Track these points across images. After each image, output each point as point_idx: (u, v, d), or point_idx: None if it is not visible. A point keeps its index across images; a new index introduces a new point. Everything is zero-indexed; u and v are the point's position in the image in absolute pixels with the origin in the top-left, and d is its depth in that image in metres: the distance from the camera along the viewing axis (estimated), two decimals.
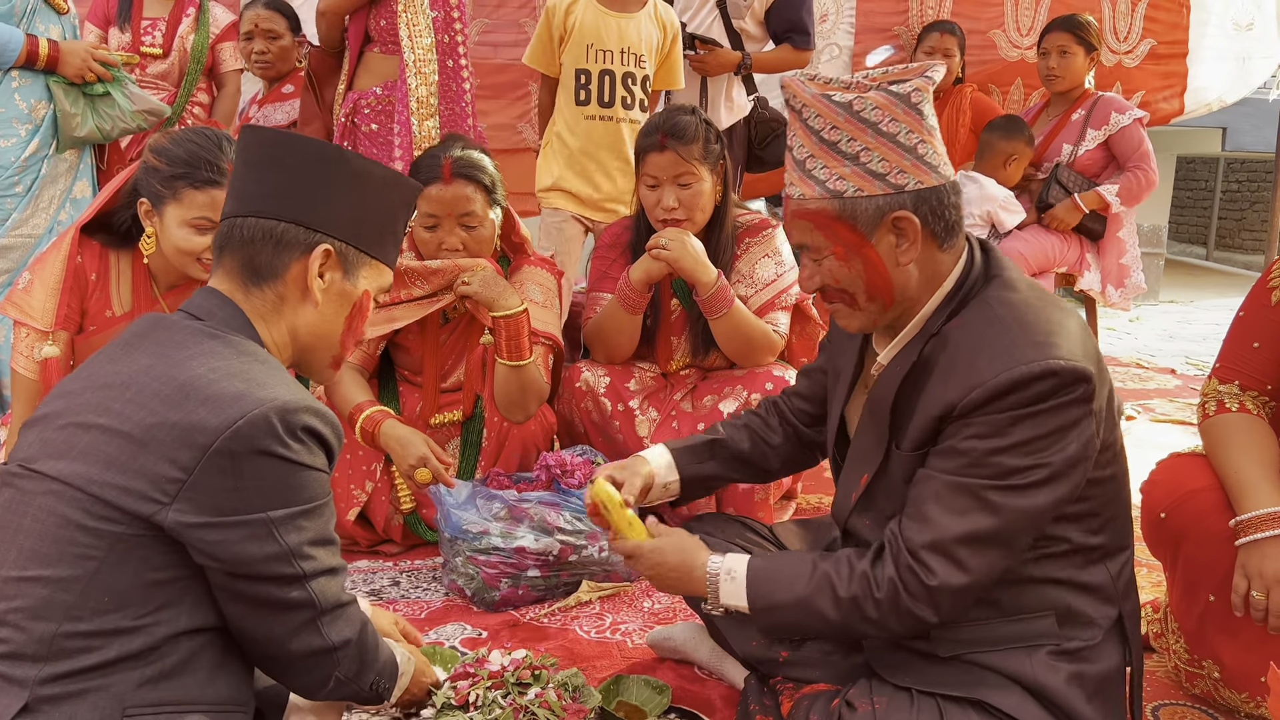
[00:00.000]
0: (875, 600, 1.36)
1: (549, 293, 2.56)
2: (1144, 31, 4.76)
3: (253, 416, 1.12)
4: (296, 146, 1.31)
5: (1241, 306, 1.79)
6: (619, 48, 3.19)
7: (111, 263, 2.20)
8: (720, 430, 1.81)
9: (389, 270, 1.40)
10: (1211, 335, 6.03)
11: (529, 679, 1.70)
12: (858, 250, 1.38)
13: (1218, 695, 1.74)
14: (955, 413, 1.34)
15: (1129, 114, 3.85)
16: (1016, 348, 1.31)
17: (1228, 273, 11.13)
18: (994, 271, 1.44)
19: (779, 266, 2.59)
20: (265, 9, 3.73)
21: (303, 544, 1.18)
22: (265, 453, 1.13)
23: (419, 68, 2.96)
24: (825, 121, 1.36)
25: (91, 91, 3.05)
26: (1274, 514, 1.57)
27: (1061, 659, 1.40)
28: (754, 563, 1.46)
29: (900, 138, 1.35)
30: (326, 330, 1.33)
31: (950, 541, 1.32)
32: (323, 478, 1.22)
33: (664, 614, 2.15)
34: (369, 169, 1.33)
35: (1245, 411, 1.71)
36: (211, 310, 1.26)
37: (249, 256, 1.27)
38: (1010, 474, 1.31)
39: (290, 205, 1.28)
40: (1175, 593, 1.76)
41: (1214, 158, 12.77)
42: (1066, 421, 1.31)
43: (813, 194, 1.38)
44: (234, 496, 1.12)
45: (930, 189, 1.37)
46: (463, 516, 2.18)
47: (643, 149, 2.48)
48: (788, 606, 1.42)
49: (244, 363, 1.19)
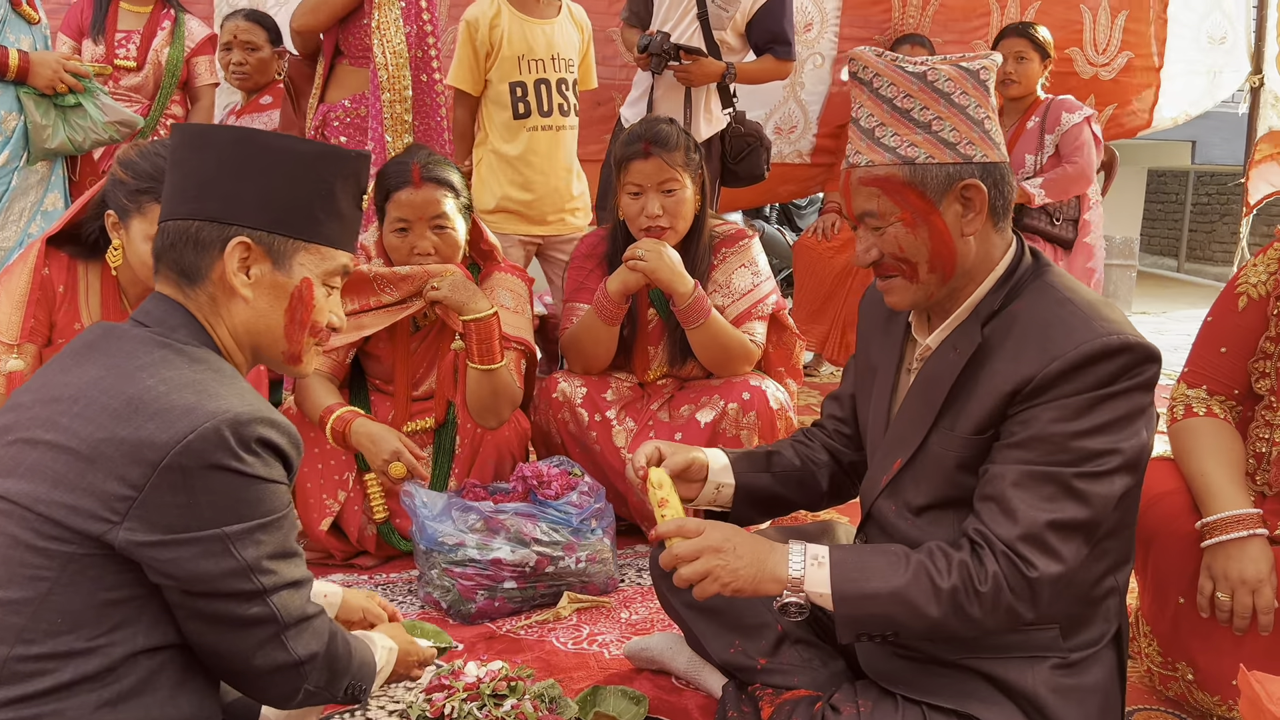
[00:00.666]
0: (978, 594, 1.30)
1: (520, 299, 2.56)
2: (1122, 44, 4.81)
3: (203, 430, 1.08)
4: (211, 139, 1.25)
5: (1209, 312, 1.81)
6: (549, 55, 3.19)
7: (80, 275, 2.18)
8: (769, 447, 1.76)
9: (337, 251, 1.30)
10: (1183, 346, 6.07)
11: (505, 690, 1.70)
12: (925, 217, 1.38)
13: (1191, 698, 1.75)
14: (1031, 387, 1.32)
15: (1078, 113, 3.85)
16: (1092, 323, 1.32)
17: (1199, 284, 11.27)
18: (1045, 264, 1.45)
19: (755, 277, 2.60)
20: (245, 20, 3.69)
21: (261, 558, 1.14)
22: (218, 467, 1.09)
23: (392, 83, 2.95)
24: (899, 90, 1.37)
25: (63, 103, 3.03)
26: (1238, 516, 1.59)
27: (1064, 674, 1.39)
28: (836, 551, 1.38)
29: (970, 111, 1.37)
30: (265, 326, 1.27)
31: (1043, 531, 1.29)
32: (280, 490, 1.18)
33: (641, 625, 2.15)
34: (287, 147, 1.25)
35: (1212, 416, 1.74)
36: (162, 317, 1.22)
37: (175, 261, 1.23)
38: (1091, 458, 1.30)
39: (203, 201, 1.22)
40: (1146, 596, 1.78)
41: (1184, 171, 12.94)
42: (1138, 406, 1.32)
43: (882, 160, 1.38)
44: (187, 513, 1.09)
45: (994, 164, 1.39)
46: (438, 529, 2.17)
47: (625, 157, 2.49)
48: (882, 597, 1.33)
49: (197, 372, 1.15)
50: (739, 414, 2.46)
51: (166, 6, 3.67)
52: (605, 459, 2.51)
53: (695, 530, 1.40)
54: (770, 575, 1.37)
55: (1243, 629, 1.58)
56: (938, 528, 1.44)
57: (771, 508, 1.74)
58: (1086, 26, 4.77)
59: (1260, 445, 1.73)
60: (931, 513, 1.46)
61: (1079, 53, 4.77)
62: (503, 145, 3.21)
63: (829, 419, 1.78)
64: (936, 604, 1.31)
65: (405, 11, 2.97)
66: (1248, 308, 1.74)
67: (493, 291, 2.50)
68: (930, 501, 1.45)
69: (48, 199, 3.14)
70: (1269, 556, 1.57)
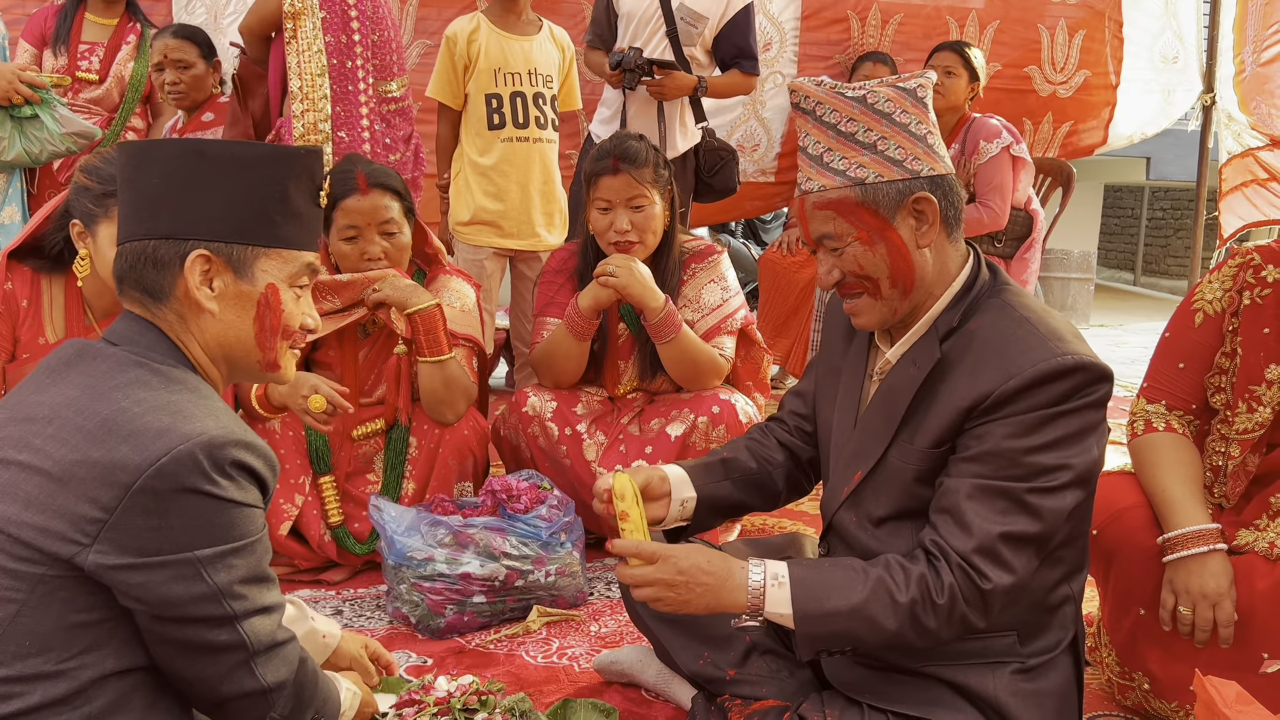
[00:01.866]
0: (935, 606, 1.33)
1: (466, 299, 2.59)
2: (1080, 63, 4.90)
3: (177, 453, 1.07)
4: (155, 155, 1.22)
5: (1166, 328, 1.86)
6: (526, 69, 3.23)
7: (44, 289, 2.16)
8: (724, 451, 1.77)
9: (300, 252, 1.27)
10: (1141, 358, 6.21)
11: (475, 705, 1.69)
12: (881, 233, 1.41)
13: (1148, 706, 1.79)
14: (988, 403, 1.36)
15: (996, 143, 3.74)
16: (1048, 343, 1.36)
17: (1155, 297, 11.50)
18: (1002, 281, 1.49)
19: (724, 292, 2.63)
20: (173, 38, 3.48)
21: (233, 583, 1.12)
22: (191, 490, 1.08)
23: (305, 92, 2.96)
24: (841, 115, 1.41)
25: (19, 114, 2.98)
26: (1199, 532, 1.62)
27: (1024, 679, 1.42)
28: (795, 569, 1.40)
29: (912, 128, 1.41)
30: (236, 337, 1.25)
31: (996, 543, 1.33)
32: (254, 514, 1.16)
33: (611, 638, 2.15)
34: (232, 153, 1.22)
35: (1171, 431, 1.78)
36: (134, 336, 1.20)
37: (137, 281, 1.21)
38: (1043, 473, 1.33)
39: (156, 220, 1.20)
40: (1107, 607, 1.81)
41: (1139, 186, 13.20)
42: (1090, 423, 1.36)
43: (834, 183, 1.41)
44: (159, 536, 1.07)
45: (941, 175, 1.43)
46: (407, 543, 2.16)
47: (594, 173, 2.51)
48: (842, 614, 1.35)
49: (172, 392, 1.13)
50: (709, 427, 2.48)
51: (133, 20, 3.63)
52: (575, 473, 2.52)
53: (650, 555, 1.41)
54: (729, 601, 1.40)
55: (1204, 642, 1.61)
56: (897, 539, 1.47)
57: (730, 513, 1.77)
58: (1045, 45, 4.85)
59: (1217, 459, 1.77)
60: (891, 524, 1.49)
61: (1037, 71, 4.85)
62: (477, 156, 3.23)
63: (790, 414, 1.80)
64: (895, 618, 1.34)
65: (326, 22, 2.97)
66: (1204, 324, 1.78)
67: (439, 294, 2.52)
68: (889, 513, 1.48)
69: (4, 212, 3.09)
70: (1229, 571, 1.61)
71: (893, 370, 1.49)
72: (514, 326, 3.63)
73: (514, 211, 3.28)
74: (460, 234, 3.33)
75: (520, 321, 3.53)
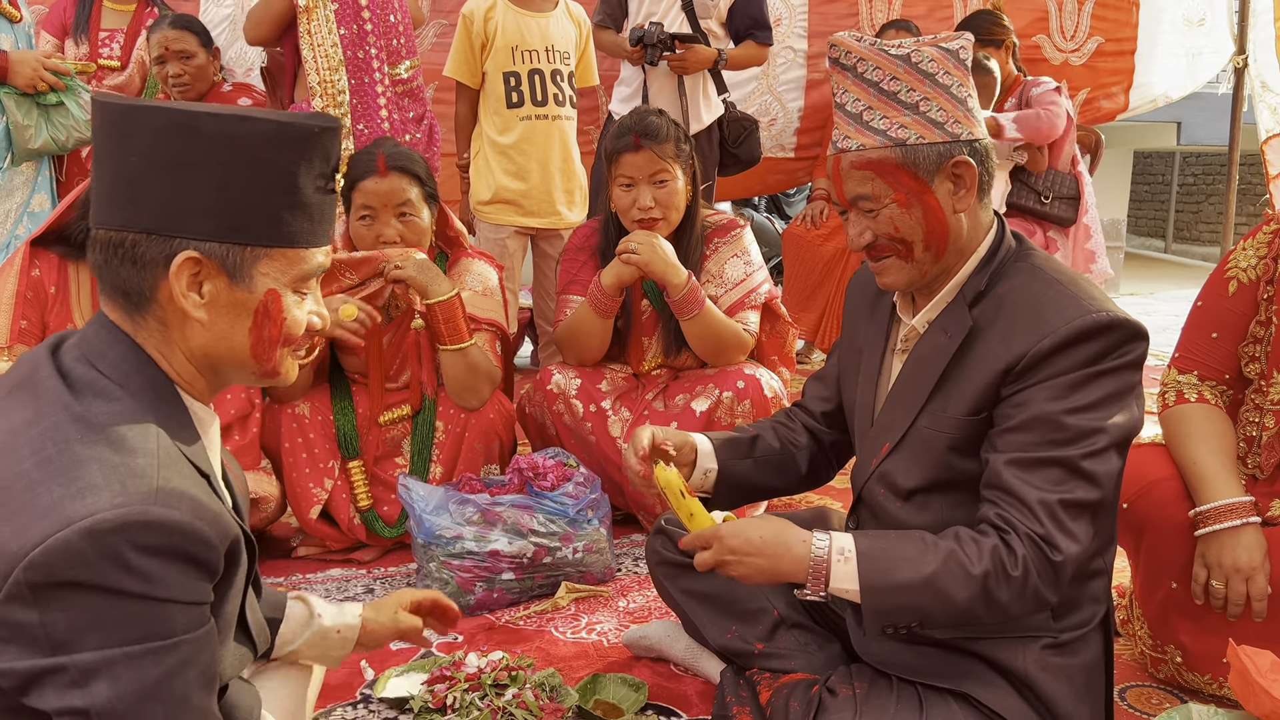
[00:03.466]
0: (1009, 579, 1.29)
1: (488, 282, 2.58)
2: (1091, 30, 4.86)
3: (53, 543, 0.86)
4: (136, 124, 0.99)
5: (1199, 297, 1.82)
6: (543, 46, 3.21)
7: (71, 275, 2.18)
8: (751, 429, 1.75)
9: (308, 251, 1.07)
10: (1171, 326, 6.12)
11: (506, 680, 1.71)
12: (919, 197, 1.39)
13: (1181, 679, 1.78)
14: (1023, 364, 1.33)
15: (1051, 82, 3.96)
16: (1080, 301, 1.34)
17: (1186, 264, 11.33)
18: (1028, 247, 1.47)
19: (748, 266, 2.62)
20: (173, 29, 3.37)
21: (115, 702, 0.88)
22: (72, 584, 0.87)
23: (324, 86, 2.95)
24: (884, 73, 1.39)
25: (45, 101, 3.01)
26: (1232, 505, 1.60)
27: (1054, 653, 1.41)
28: (862, 540, 1.36)
29: (954, 90, 1.39)
30: (226, 349, 1.05)
31: (1059, 512, 1.30)
32: (169, 611, 0.91)
33: (639, 613, 2.16)
34: (231, 132, 0.99)
35: (1204, 401, 1.75)
36: (102, 350, 1.02)
37: (113, 281, 1.01)
38: (1089, 436, 1.31)
39: (135, 208, 0.99)
40: (1138, 580, 1.80)
41: (1170, 152, 12.98)
42: (1129, 384, 1.34)
43: (874, 143, 1.39)
44: (38, 635, 0.88)
45: (979, 140, 1.41)
46: (435, 522, 2.18)
47: (616, 150, 2.50)
48: (912, 587, 1.30)
49: (89, 449, 0.92)
50: (734, 402, 2.47)
51: (150, 5, 3.64)
52: (601, 450, 2.52)
53: (706, 543, 1.40)
54: (786, 574, 1.36)
55: (1237, 616, 1.60)
56: (926, 512, 1.45)
57: (750, 494, 1.75)
58: (1052, 14, 4.84)
59: (1250, 429, 1.74)
60: (921, 496, 1.47)
61: (1046, 40, 4.84)
62: (497, 135, 3.22)
63: (813, 399, 1.78)
64: (967, 589, 1.29)
65: (339, 13, 2.96)
66: (1238, 292, 1.75)
67: (460, 277, 2.53)
68: (919, 485, 1.46)
69: (34, 200, 3.12)
70: (1262, 544, 1.59)
71: (922, 340, 1.47)
72: (537, 305, 3.63)
73: (535, 190, 3.27)
74: (481, 213, 3.33)
75: (543, 300, 3.53)
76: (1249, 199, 10.73)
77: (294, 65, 3.12)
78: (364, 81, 3.01)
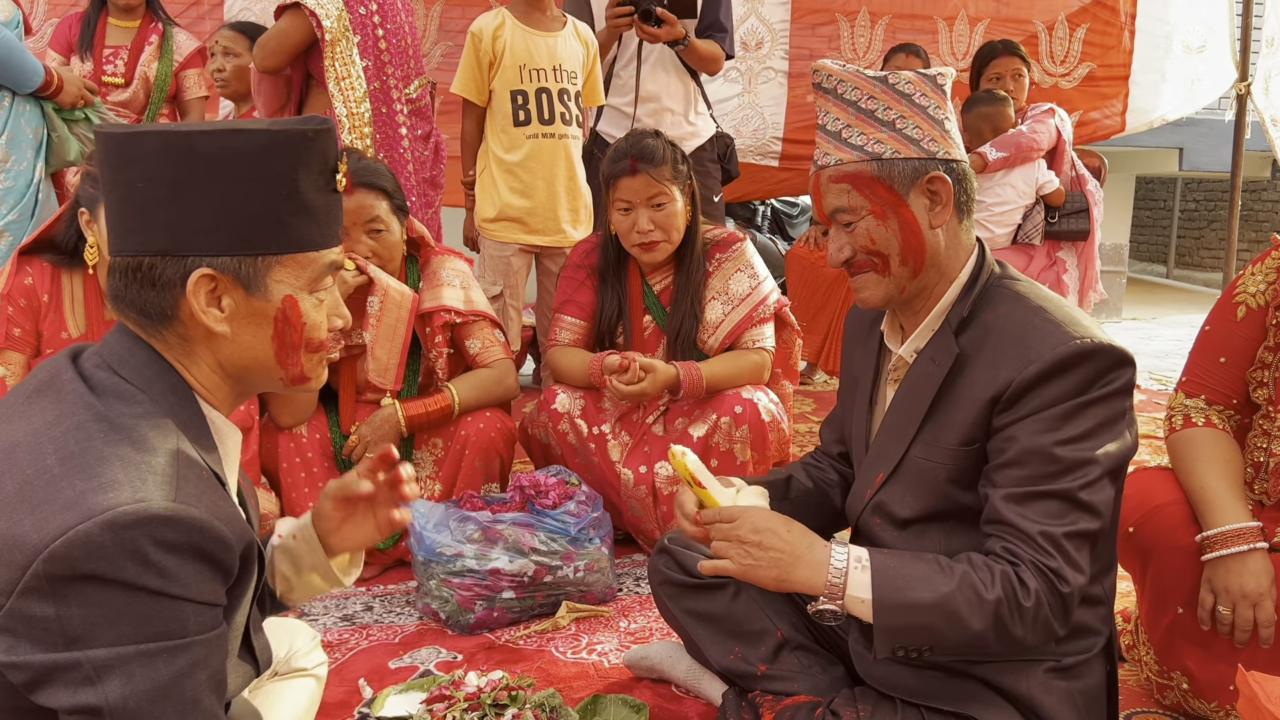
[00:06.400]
0: (1021, 609, 1.28)
1: (464, 275, 2.59)
2: (1082, 55, 4.95)
3: (73, 535, 0.88)
4: (135, 150, 1.02)
5: (1206, 321, 1.82)
6: (550, 65, 3.22)
7: (64, 284, 2.20)
8: (783, 471, 1.74)
9: (319, 253, 1.10)
10: (1174, 351, 6.12)
11: (506, 700, 1.70)
12: (894, 209, 1.41)
13: (1187, 706, 1.76)
14: (1010, 392, 1.34)
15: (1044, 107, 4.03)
16: (1064, 328, 1.35)
17: (1188, 290, 11.33)
18: (1012, 273, 1.49)
19: (753, 279, 2.62)
20: (230, 29, 3.65)
21: (128, 699, 0.89)
22: (91, 577, 0.88)
23: (353, 121, 2.95)
24: (862, 93, 1.43)
25: (71, 117, 3.12)
26: (1239, 530, 1.59)
27: (1057, 677, 1.40)
28: (877, 556, 1.34)
29: (930, 111, 1.43)
30: (252, 359, 1.09)
31: (1064, 544, 1.30)
32: (183, 609, 0.92)
33: (640, 634, 2.15)
34: (226, 146, 1.02)
35: (1211, 426, 1.74)
36: (123, 356, 1.04)
37: (133, 304, 1.04)
38: (1082, 467, 1.31)
39: (146, 233, 1.02)
40: (1144, 605, 1.78)
41: (1172, 178, 13.02)
42: (1118, 411, 1.34)
43: (851, 157, 1.42)
44: (53, 629, 0.88)
45: (957, 160, 1.44)
46: (436, 539, 2.16)
47: (613, 174, 2.50)
48: (925, 607, 1.29)
49: (111, 448, 0.94)
50: (731, 427, 2.46)
51: (154, 20, 3.68)
52: (603, 471, 2.52)
53: (729, 516, 1.40)
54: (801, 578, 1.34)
55: (1243, 642, 1.58)
56: (923, 541, 1.46)
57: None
58: (1042, 41, 4.94)
59: (1258, 454, 1.74)
60: (917, 526, 1.47)
61: (1036, 64, 4.94)
62: (503, 153, 3.23)
63: (829, 443, 1.79)
64: (980, 617, 1.28)
65: (361, 45, 2.97)
66: (1246, 317, 1.74)
67: (435, 274, 2.53)
68: (915, 515, 1.46)
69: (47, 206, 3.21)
70: (1269, 570, 1.58)
71: (911, 369, 1.48)
72: (540, 323, 3.62)
73: (540, 208, 3.27)
74: (486, 230, 3.33)
75: (546, 318, 3.53)
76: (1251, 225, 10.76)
77: (300, 90, 3.12)
78: (382, 112, 3.02)
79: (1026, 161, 3.93)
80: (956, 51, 4.97)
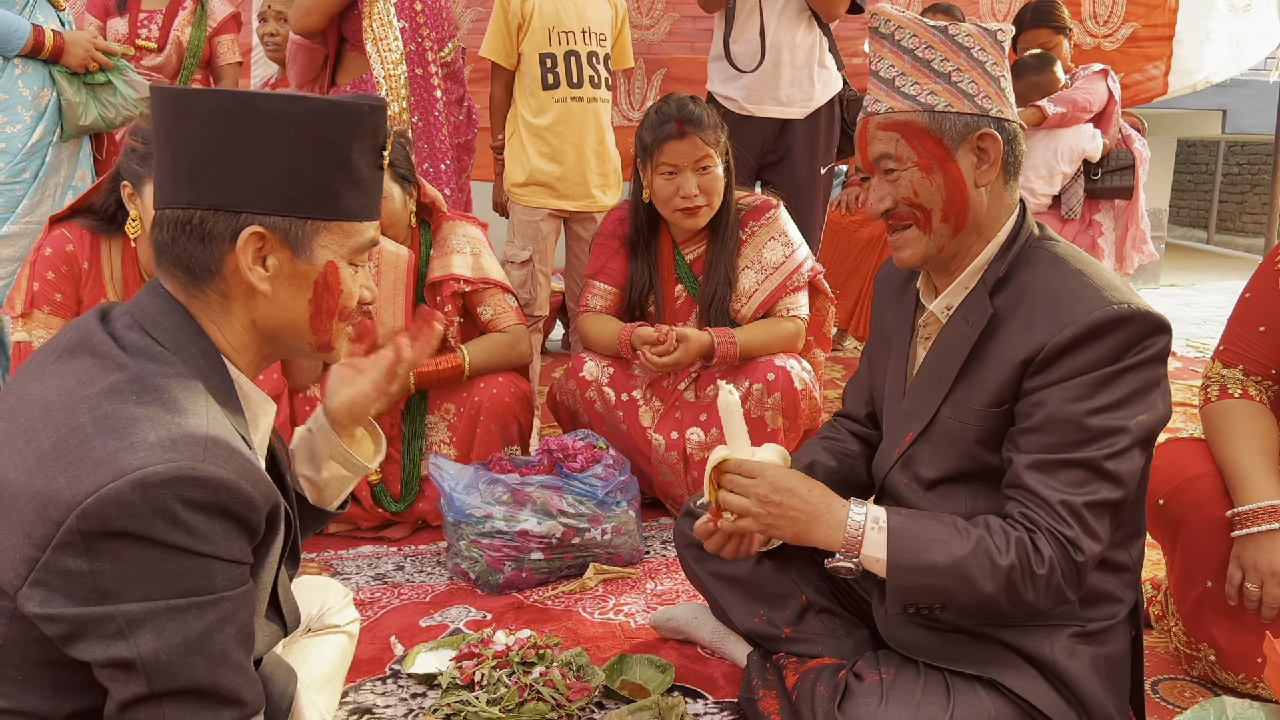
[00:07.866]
0: (1034, 575, 1.29)
1: (478, 242, 2.58)
2: (1126, 15, 4.84)
3: (105, 493, 0.90)
4: (195, 107, 1.04)
5: (1246, 288, 1.78)
6: (579, 28, 3.19)
7: (103, 251, 2.23)
8: (804, 456, 1.71)
9: (363, 224, 1.13)
10: (1213, 318, 6.02)
11: (534, 659, 1.73)
12: (941, 164, 1.40)
13: (1215, 677, 1.75)
14: (1043, 355, 1.33)
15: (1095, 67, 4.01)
16: (1102, 293, 1.33)
17: (1229, 256, 11.12)
18: (1051, 236, 1.46)
19: (786, 247, 2.60)
20: None
21: (160, 652, 0.92)
22: (122, 534, 0.91)
23: (390, 84, 2.91)
24: (920, 41, 1.41)
25: (93, 81, 3.08)
26: (1271, 507, 1.57)
27: (1082, 641, 1.40)
28: (894, 517, 1.37)
29: (988, 66, 1.40)
30: (287, 319, 1.11)
31: (1083, 513, 1.30)
32: (213, 567, 0.94)
33: (667, 595, 2.17)
34: (286, 111, 1.04)
35: (1248, 397, 1.71)
36: (156, 318, 1.06)
37: (178, 257, 1.06)
38: (1111, 435, 1.30)
39: (200, 186, 1.04)
40: (1173, 576, 1.77)
41: (1214, 141, 12.73)
42: (1152, 380, 1.33)
43: (902, 106, 1.40)
44: (86, 584, 0.91)
45: (1009, 120, 1.41)
46: (466, 501, 2.19)
47: (659, 139, 2.48)
48: (939, 569, 1.31)
49: (143, 408, 0.96)
50: (763, 394, 2.46)
51: None
52: (632, 438, 2.53)
53: (750, 471, 1.42)
54: (819, 536, 1.37)
55: (1271, 619, 1.57)
56: (949, 501, 1.45)
57: None
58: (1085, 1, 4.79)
59: None
60: (943, 486, 1.47)
61: (1078, 25, 4.82)
62: (532, 117, 3.22)
63: (854, 403, 1.78)
64: (993, 581, 1.30)
65: (399, 6, 2.94)
66: None
67: (446, 241, 2.53)
68: (942, 475, 1.46)
69: (77, 174, 3.18)
70: None
71: (945, 328, 1.47)
72: (569, 289, 3.63)
73: (570, 173, 3.26)
74: (515, 195, 3.33)
75: (575, 283, 3.53)
76: None
77: (336, 51, 3.11)
78: (417, 74, 3.00)
79: (1077, 122, 3.88)
80: (998, 12, 4.88)
